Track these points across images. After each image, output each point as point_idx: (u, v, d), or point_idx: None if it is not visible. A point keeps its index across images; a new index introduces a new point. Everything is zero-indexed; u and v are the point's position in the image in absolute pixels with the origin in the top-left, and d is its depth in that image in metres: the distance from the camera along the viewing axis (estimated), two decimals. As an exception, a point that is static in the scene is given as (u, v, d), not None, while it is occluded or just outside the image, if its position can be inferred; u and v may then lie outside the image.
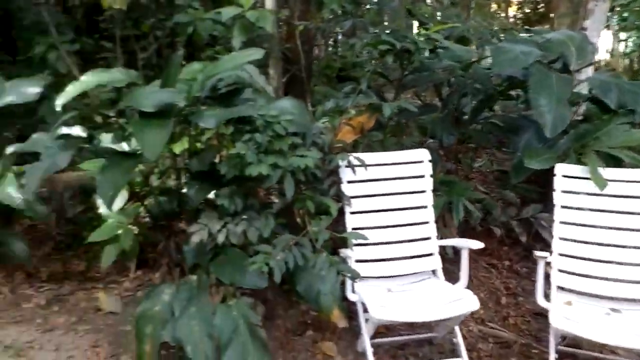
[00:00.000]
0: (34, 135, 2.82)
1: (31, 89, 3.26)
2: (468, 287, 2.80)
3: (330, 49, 8.33)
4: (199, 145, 3.30)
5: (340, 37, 8.01)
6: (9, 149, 2.76)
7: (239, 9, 3.63)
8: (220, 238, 2.65)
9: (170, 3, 4.89)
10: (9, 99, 3.25)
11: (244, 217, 2.73)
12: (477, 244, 2.83)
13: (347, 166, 3.03)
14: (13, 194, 2.92)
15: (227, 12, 3.63)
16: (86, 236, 4.00)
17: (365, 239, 2.79)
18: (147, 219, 3.40)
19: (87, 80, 2.77)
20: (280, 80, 4.11)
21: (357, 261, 2.88)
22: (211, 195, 2.94)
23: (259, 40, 4.09)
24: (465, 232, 3.71)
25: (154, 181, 3.29)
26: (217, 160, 3.14)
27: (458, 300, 2.59)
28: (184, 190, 3.01)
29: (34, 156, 2.63)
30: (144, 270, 3.49)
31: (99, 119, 2.91)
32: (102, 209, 3.33)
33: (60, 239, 3.97)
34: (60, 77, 4.30)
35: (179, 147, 3.13)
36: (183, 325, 2.29)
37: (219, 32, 3.87)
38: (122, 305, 3.13)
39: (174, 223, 3.29)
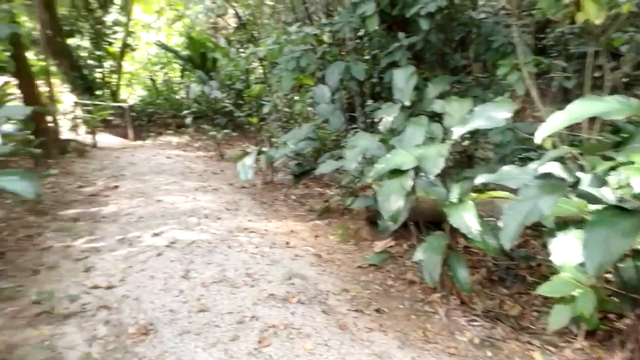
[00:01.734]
0: (505, 167, 2.61)
1: (501, 114, 3.09)
2: None
3: None
4: None
5: None
6: (479, 179, 2.65)
7: None
8: None
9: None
10: (477, 123, 3.20)
11: None
12: None
13: None
14: (470, 222, 2.83)
15: None
16: (523, 276, 3.68)
17: None
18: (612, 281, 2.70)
19: (575, 110, 2.31)
20: None
21: None
22: None
23: None
24: None
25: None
26: None
27: None
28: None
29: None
30: (593, 341, 2.82)
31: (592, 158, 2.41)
32: (555, 256, 2.83)
33: (494, 269, 3.80)
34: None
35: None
36: None
37: None
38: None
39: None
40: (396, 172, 3.00)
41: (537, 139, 2.40)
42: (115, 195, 6.05)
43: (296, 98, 7.38)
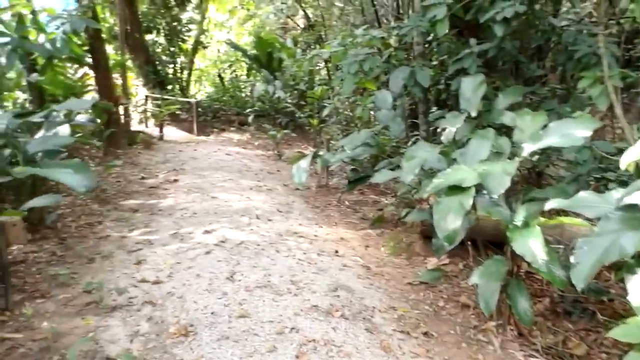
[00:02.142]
0: (581, 193, 2.32)
1: (579, 132, 2.78)
2: None
3: None
4: None
5: None
6: (549, 204, 2.38)
7: None
8: None
9: None
10: (552, 140, 2.91)
11: None
12: None
13: None
14: (535, 250, 2.55)
15: None
16: (592, 312, 3.32)
17: None
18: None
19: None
20: None
21: None
22: None
23: None
24: None
25: None
26: None
27: None
28: None
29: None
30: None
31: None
32: (633, 296, 2.50)
33: (559, 300, 3.46)
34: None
35: None
36: None
37: None
38: None
39: None
40: (456, 189, 2.77)
41: (622, 164, 2.11)
42: (174, 188, 6.20)
43: (357, 102, 7.24)
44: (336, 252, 4.28)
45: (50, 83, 9.20)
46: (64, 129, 4.22)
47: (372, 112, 7.21)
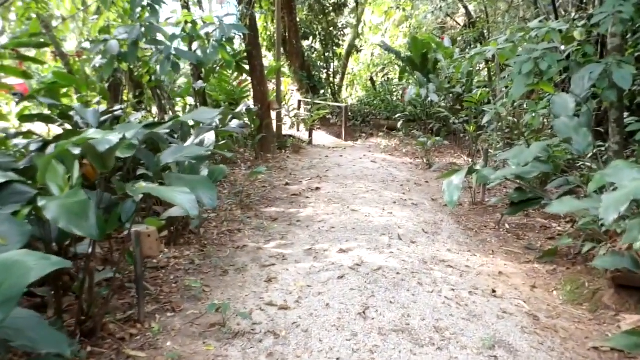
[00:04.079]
0: None
1: None
2: None
3: None
4: None
5: None
6: None
7: None
8: None
9: None
10: None
11: None
12: None
13: None
14: None
15: None
16: None
17: None
18: None
19: None
20: None
21: None
22: None
23: None
24: None
25: None
26: None
27: None
28: None
29: None
30: None
31: None
32: None
33: None
34: None
35: None
36: None
37: None
38: None
39: None
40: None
41: None
42: (315, 197, 5.99)
43: (525, 107, 6.20)
44: (493, 291, 3.51)
45: (214, 89, 9.92)
46: (211, 136, 4.23)
47: (543, 119, 6.11)
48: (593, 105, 4.57)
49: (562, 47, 4.80)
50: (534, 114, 5.23)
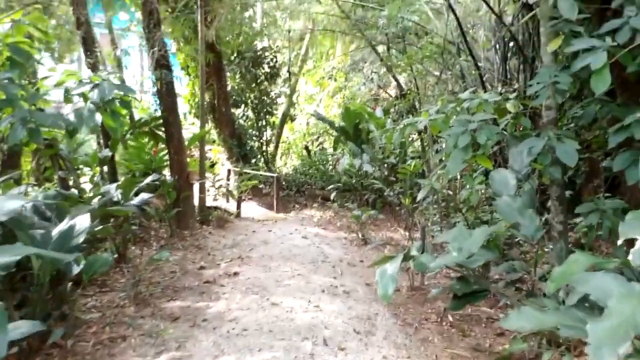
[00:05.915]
0: None
1: None
2: None
3: None
4: None
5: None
6: None
7: None
8: None
9: None
10: None
11: None
12: None
13: None
14: None
15: None
16: None
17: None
18: None
19: None
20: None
21: None
22: None
23: None
24: None
25: None
26: None
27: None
28: None
29: None
30: None
31: None
32: None
33: None
34: None
35: None
36: None
37: None
38: None
39: None
40: None
41: None
42: (232, 285, 5.09)
43: (462, 181, 5.82)
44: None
45: (130, 158, 8.97)
46: (83, 221, 3.34)
47: (480, 193, 5.74)
48: (535, 182, 4.18)
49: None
50: (471, 191, 4.79)
